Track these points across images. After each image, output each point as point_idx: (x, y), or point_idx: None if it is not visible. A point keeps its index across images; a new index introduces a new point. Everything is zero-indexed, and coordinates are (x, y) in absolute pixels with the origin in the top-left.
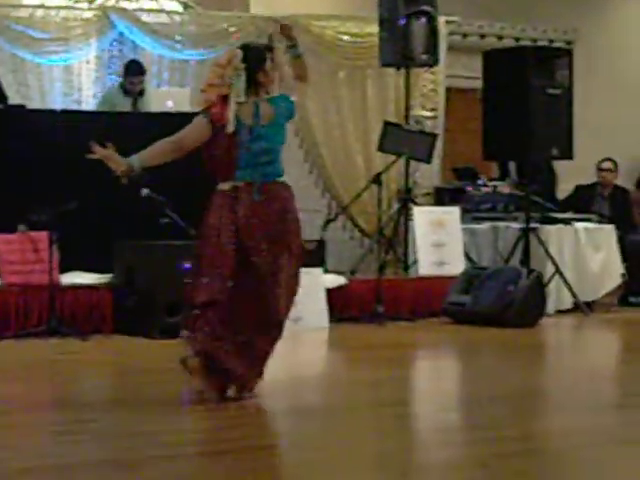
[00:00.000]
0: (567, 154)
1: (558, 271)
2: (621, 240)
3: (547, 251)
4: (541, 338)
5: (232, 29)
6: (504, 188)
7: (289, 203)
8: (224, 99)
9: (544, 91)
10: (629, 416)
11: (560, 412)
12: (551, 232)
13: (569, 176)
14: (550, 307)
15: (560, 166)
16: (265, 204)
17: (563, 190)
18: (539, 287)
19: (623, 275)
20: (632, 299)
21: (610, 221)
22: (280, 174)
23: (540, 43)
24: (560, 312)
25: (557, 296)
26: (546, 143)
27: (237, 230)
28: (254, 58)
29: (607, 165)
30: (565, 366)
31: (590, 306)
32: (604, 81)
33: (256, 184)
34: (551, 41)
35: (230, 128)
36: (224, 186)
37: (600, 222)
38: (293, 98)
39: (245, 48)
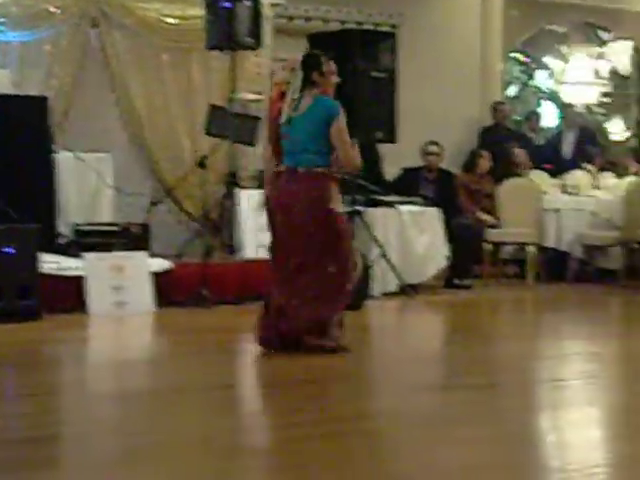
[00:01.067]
0: (391, 137)
1: (383, 254)
2: (446, 223)
3: (372, 234)
4: (366, 321)
5: (54, 10)
6: None
7: (313, 191)
8: (282, 96)
9: (368, 74)
10: (452, 396)
11: (384, 393)
12: (376, 215)
13: (395, 159)
14: (375, 290)
15: (385, 149)
16: (294, 189)
17: (389, 174)
18: (363, 270)
19: (448, 258)
20: (457, 281)
21: (436, 204)
22: (315, 163)
23: (366, 27)
24: (386, 295)
25: (382, 279)
26: (370, 126)
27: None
28: (311, 61)
29: (432, 149)
30: (389, 348)
31: (415, 289)
32: (429, 65)
33: (290, 170)
34: (377, 25)
35: (281, 119)
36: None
37: (425, 205)
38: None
39: (305, 55)
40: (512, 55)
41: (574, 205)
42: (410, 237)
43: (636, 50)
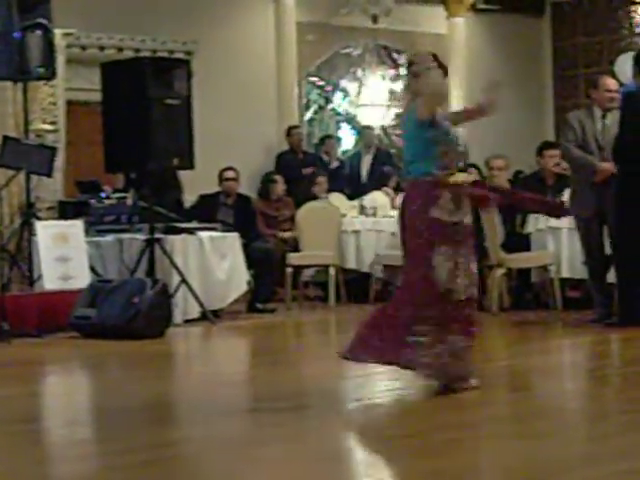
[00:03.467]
0: (188, 164)
1: (184, 281)
2: (246, 248)
3: (172, 261)
4: (169, 348)
5: None
6: (128, 200)
7: (409, 202)
8: None
9: (163, 102)
10: (260, 419)
11: (193, 419)
12: (176, 242)
13: (194, 186)
14: (178, 317)
15: (184, 176)
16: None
17: (188, 200)
18: (164, 297)
19: (249, 282)
20: (259, 305)
21: (235, 229)
22: (413, 173)
23: (160, 54)
24: (188, 321)
25: (184, 305)
26: (167, 153)
27: None
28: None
29: (229, 174)
30: (195, 374)
31: (218, 314)
32: (226, 91)
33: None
34: (171, 52)
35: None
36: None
37: (225, 231)
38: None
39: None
40: (309, 79)
41: (373, 226)
42: (211, 263)
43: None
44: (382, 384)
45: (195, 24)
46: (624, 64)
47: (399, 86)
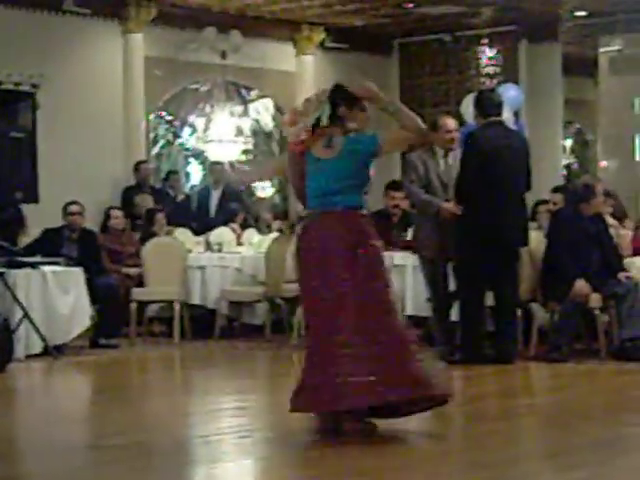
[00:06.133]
0: (32, 197)
1: (26, 315)
2: (90, 282)
3: (14, 295)
4: (10, 383)
5: None
6: None
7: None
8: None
9: (7, 135)
10: (101, 456)
11: (32, 455)
12: (19, 276)
13: (38, 219)
14: (20, 352)
15: (27, 209)
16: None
17: (31, 234)
18: (6, 332)
19: (92, 317)
20: (103, 341)
21: (79, 264)
22: (349, 205)
23: (5, 87)
24: (30, 356)
25: (26, 340)
26: (10, 187)
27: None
28: (338, 94)
29: (73, 208)
30: (36, 410)
31: (60, 349)
32: (72, 124)
33: (317, 213)
34: (17, 84)
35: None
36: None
37: (69, 265)
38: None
39: (334, 86)
40: (158, 113)
41: (219, 262)
42: (54, 297)
43: (277, 107)
44: (227, 420)
45: (42, 57)
46: (469, 105)
47: (247, 122)
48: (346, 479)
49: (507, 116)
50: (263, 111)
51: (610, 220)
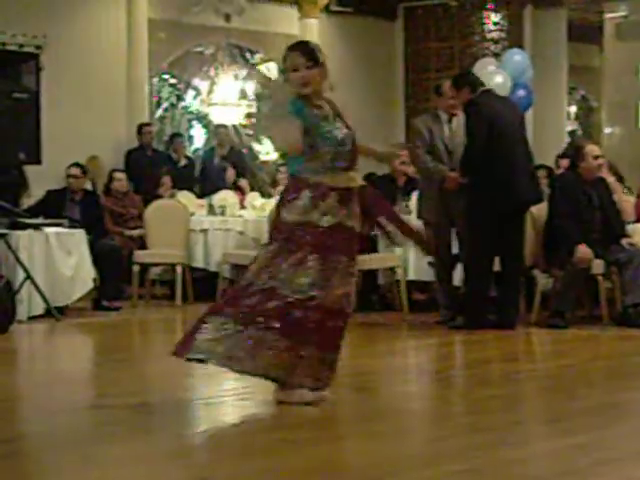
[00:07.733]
0: (35, 159)
1: (29, 277)
2: (92, 245)
3: (17, 257)
4: (12, 344)
5: None
6: None
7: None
8: None
9: (10, 95)
10: (104, 416)
11: (39, 415)
12: (21, 238)
13: (41, 181)
14: (22, 313)
15: (30, 170)
16: None
17: (34, 195)
18: (8, 293)
19: (95, 280)
20: (105, 303)
21: (82, 226)
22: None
23: (9, 48)
24: (32, 318)
25: (29, 302)
26: (13, 148)
27: None
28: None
29: (74, 171)
30: (37, 371)
31: (63, 311)
32: (75, 86)
33: None
34: (21, 46)
35: None
36: None
37: (72, 227)
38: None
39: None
40: (161, 76)
41: (221, 225)
42: (57, 259)
43: (282, 70)
44: (228, 383)
45: (45, 18)
46: (480, 70)
47: (251, 86)
48: (347, 441)
49: (503, 82)
50: (268, 74)
51: (614, 185)
